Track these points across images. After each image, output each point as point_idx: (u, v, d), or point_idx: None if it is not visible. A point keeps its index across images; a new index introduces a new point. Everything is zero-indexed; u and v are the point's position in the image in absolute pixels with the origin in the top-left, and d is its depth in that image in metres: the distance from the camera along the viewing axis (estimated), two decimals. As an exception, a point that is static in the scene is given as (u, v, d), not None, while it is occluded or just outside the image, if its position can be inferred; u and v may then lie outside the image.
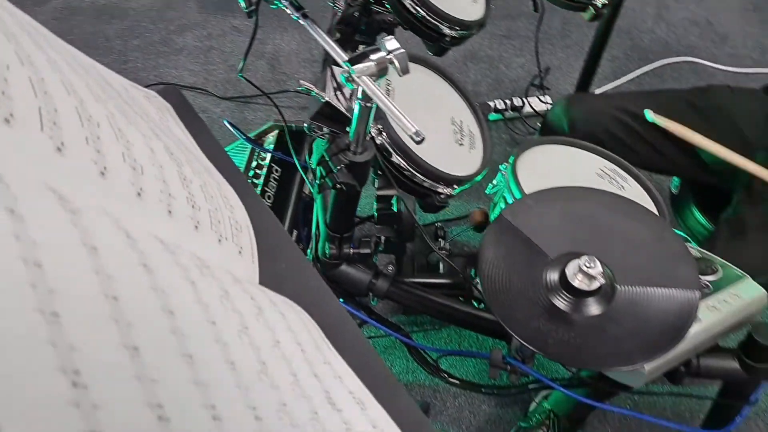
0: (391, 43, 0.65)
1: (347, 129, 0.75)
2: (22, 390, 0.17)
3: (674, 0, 2.45)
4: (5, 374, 0.17)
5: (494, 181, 1.06)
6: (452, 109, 1.00)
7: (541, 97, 2.07)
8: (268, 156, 1.53)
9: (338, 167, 0.74)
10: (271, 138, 1.60)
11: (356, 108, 0.69)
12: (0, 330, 0.18)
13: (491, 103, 2.07)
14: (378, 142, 0.86)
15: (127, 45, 2.33)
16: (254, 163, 1.51)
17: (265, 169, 1.49)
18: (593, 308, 0.69)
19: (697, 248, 0.92)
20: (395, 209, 1.37)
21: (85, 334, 0.20)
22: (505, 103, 2.07)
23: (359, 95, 0.66)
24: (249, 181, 1.47)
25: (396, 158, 0.87)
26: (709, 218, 1.25)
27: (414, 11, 0.96)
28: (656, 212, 1.05)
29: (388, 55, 0.65)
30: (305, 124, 0.90)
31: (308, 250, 1.04)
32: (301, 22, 0.80)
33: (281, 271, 0.49)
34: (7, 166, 0.24)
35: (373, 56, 0.64)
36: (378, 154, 0.88)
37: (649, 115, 1.11)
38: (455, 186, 0.91)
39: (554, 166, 1.08)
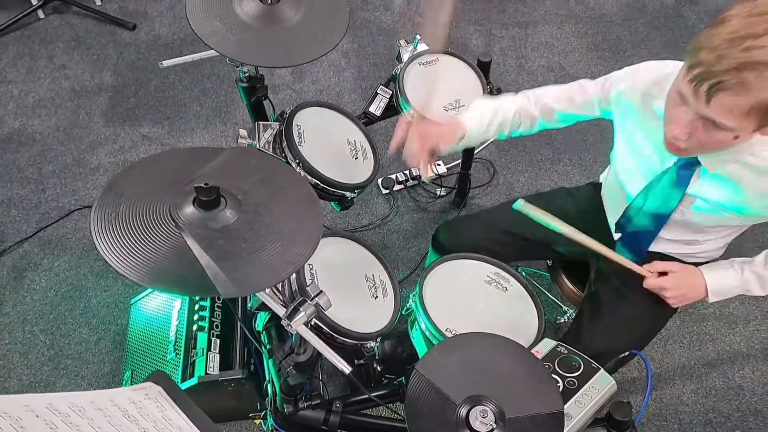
0: (313, 289, 0.89)
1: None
2: None
3: (530, 50, 2.79)
4: None
5: (407, 305, 1.31)
6: (364, 266, 1.25)
7: (435, 166, 2.37)
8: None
9: (287, 370, 0.97)
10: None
11: (295, 336, 0.92)
12: None
13: (393, 177, 2.35)
14: (312, 323, 1.10)
15: (42, 172, 2.40)
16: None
17: (209, 300, 1.68)
18: (496, 439, 0.96)
19: (564, 345, 1.21)
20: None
21: None
22: (405, 175, 2.35)
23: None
24: (196, 314, 1.66)
25: (327, 331, 1.11)
26: (578, 286, 1.57)
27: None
28: (534, 306, 1.35)
29: (312, 301, 0.88)
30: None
31: (266, 395, 1.25)
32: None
33: None
34: None
35: (301, 308, 0.87)
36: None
37: (518, 204, 1.27)
38: (378, 339, 1.16)
39: (451, 282, 1.35)
